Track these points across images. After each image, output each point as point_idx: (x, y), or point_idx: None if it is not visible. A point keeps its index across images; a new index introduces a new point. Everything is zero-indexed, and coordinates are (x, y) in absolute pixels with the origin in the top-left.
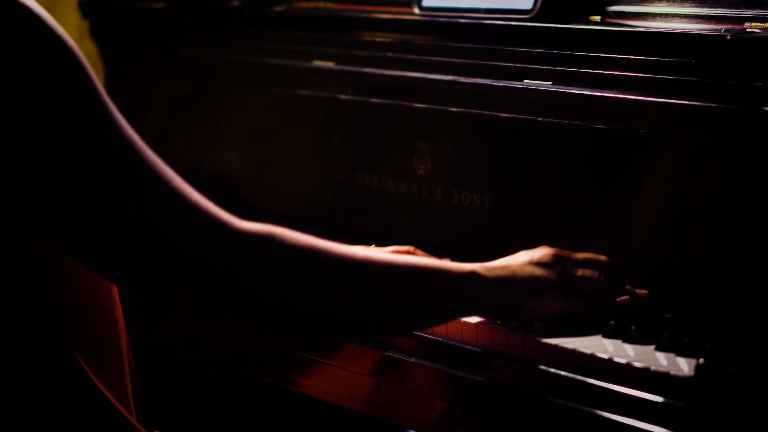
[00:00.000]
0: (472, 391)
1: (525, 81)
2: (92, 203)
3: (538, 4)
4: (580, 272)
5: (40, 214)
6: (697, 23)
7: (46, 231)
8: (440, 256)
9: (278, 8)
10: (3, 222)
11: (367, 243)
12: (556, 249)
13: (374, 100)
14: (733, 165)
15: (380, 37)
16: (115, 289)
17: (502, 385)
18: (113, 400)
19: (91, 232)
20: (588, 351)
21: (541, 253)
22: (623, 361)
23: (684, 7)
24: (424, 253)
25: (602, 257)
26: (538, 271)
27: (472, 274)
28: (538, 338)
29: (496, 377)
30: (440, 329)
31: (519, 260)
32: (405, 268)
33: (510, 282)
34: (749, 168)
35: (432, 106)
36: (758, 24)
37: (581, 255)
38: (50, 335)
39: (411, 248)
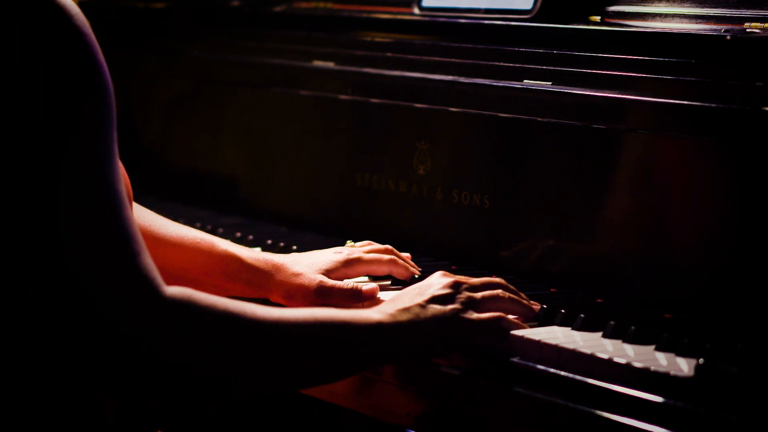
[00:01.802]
0: (474, 392)
1: (525, 81)
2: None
3: (538, 4)
4: (480, 295)
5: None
6: (697, 23)
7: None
8: (440, 256)
9: (278, 8)
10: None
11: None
12: (452, 276)
13: (374, 100)
14: (733, 165)
15: (380, 37)
16: None
17: (501, 385)
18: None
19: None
20: (588, 351)
21: (440, 283)
22: (623, 361)
23: (684, 7)
24: (398, 254)
25: (496, 279)
26: (439, 309)
27: (378, 325)
28: (538, 339)
29: (496, 377)
30: None
31: (420, 298)
32: (315, 324)
33: (414, 329)
34: (749, 168)
35: (432, 106)
36: (758, 24)
37: (476, 280)
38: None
39: (389, 248)
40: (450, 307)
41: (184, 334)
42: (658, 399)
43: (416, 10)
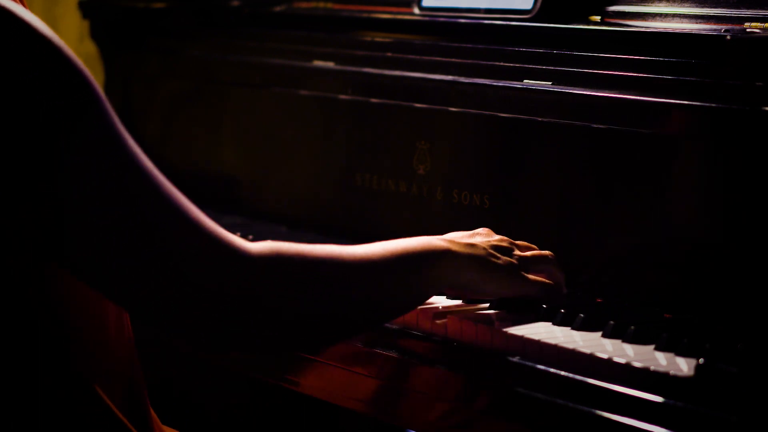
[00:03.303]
0: (473, 392)
1: (525, 81)
2: (92, 224)
3: (538, 4)
4: (530, 254)
5: (41, 231)
6: (697, 23)
7: (49, 251)
8: None
9: (278, 8)
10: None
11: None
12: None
13: (374, 100)
14: (733, 165)
15: (380, 37)
16: None
17: (500, 385)
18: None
19: (95, 257)
20: (587, 351)
21: (497, 236)
22: (623, 360)
23: (684, 7)
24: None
25: (547, 252)
26: (501, 257)
27: (448, 252)
28: (538, 339)
29: (494, 376)
30: (442, 329)
31: (484, 241)
32: (398, 255)
33: (477, 261)
34: (749, 168)
35: (432, 106)
36: (758, 24)
37: (525, 246)
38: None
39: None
40: (508, 259)
41: (280, 287)
42: (658, 399)
43: (416, 10)
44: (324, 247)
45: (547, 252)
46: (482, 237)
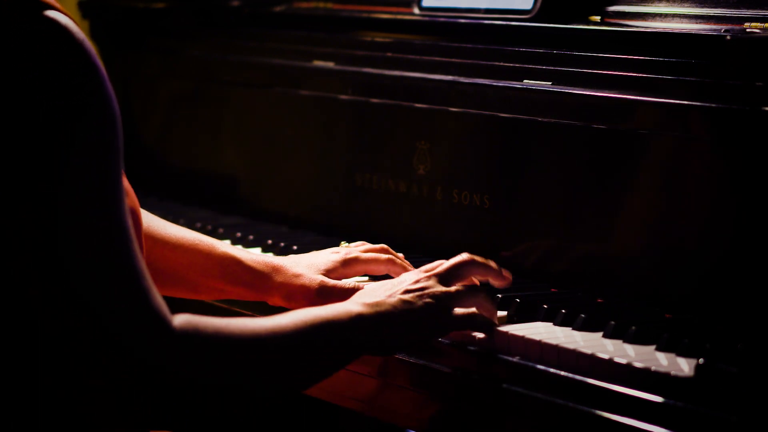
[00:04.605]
0: (473, 391)
1: (525, 81)
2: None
3: (538, 4)
4: (454, 289)
5: (40, 231)
6: (697, 23)
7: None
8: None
9: (278, 8)
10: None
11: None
12: (425, 272)
13: (374, 100)
14: (733, 165)
15: (380, 37)
16: None
17: (500, 384)
18: None
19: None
20: (588, 351)
21: (412, 278)
22: (624, 361)
23: (684, 7)
24: (394, 253)
25: (464, 256)
26: (412, 303)
27: (359, 317)
28: (539, 339)
29: (495, 376)
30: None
31: (393, 290)
32: (306, 328)
33: (390, 321)
34: (749, 168)
35: (432, 106)
36: (758, 24)
37: (446, 265)
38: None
39: (384, 247)
40: (424, 301)
41: (194, 363)
42: (659, 399)
43: (416, 10)
44: (238, 321)
45: (475, 281)
46: (406, 284)
